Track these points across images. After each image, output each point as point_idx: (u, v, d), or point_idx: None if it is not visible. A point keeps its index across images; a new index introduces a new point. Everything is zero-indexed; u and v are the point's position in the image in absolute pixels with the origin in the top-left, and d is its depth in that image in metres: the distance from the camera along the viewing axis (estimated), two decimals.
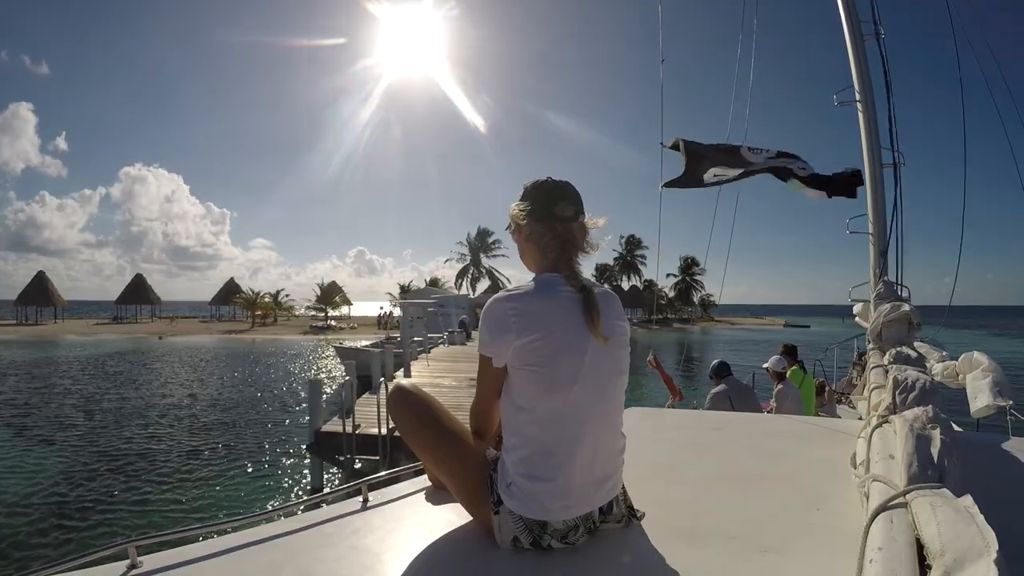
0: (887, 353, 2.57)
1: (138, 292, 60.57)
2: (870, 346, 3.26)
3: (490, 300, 1.31)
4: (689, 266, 68.95)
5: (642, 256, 69.09)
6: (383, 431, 8.12)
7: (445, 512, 1.55)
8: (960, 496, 0.94)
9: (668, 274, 70.88)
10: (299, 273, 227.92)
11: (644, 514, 1.44)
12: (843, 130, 4.20)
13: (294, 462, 10.77)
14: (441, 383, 13.08)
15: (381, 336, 33.71)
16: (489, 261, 64.79)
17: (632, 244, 69.12)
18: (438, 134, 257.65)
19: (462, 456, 1.41)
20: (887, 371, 2.22)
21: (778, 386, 5.76)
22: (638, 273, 69.51)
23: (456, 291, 53.26)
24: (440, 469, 1.48)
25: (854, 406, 5.67)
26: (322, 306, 59.06)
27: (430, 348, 20.20)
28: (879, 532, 0.93)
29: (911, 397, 1.70)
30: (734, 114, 5.56)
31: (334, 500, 1.73)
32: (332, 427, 8.89)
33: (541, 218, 1.35)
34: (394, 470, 1.91)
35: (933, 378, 2.07)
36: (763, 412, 5.29)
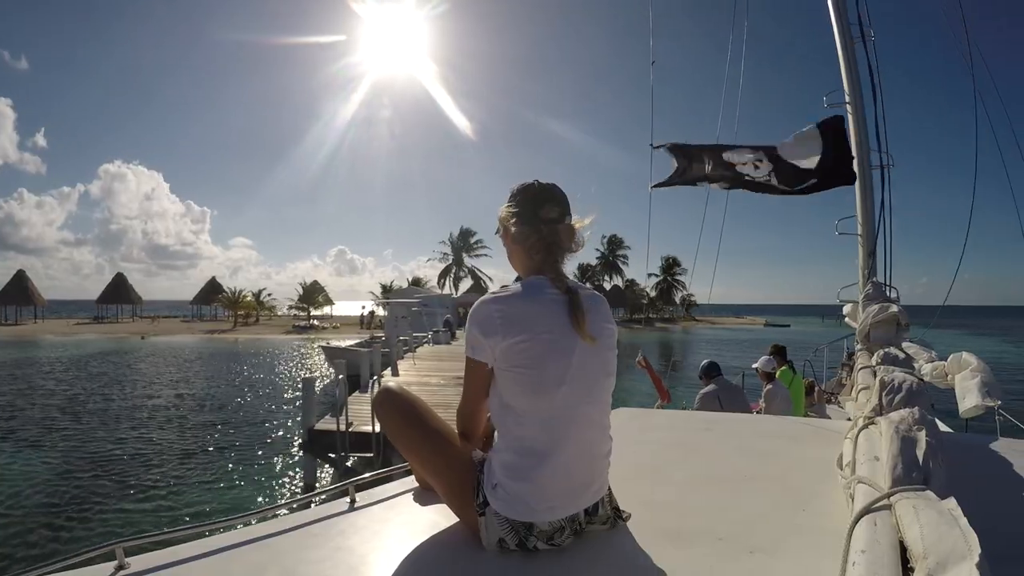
0: (875, 354, 2.58)
1: (119, 291, 59.41)
2: (858, 347, 3.28)
3: (476, 302, 1.31)
4: (671, 266, 69.00)
5: (624, 256, 69.20)
6: (376, 428, 8.11)
7: (431, 513, 1.55)
8: (944, 499, 0.95)
9: (650, 274, 70.84)
10: (279, 272, 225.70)
11: (630, 515, 1.44)
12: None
13: (285, 461, 10.71)
14: (429, 381, 13.11)
15: (365, 336, 33.51)
16: (472, 261, 64.54)
17: (614, 244, 68.93)
18: (420, 133, 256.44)
19: (448, 457, 1.41)
20: (875, 372, 2.24)
21: (767, 386, 5.78)
22: (620, 273, 69.60)
23: (439, 291, 53.03)
24: (426, 470, 1.48)
25: (843, 406, 5.70)
26: (304, 305, 58.64)
27: (415, 347, 20.19)
28: (862, 534, 0.93)
29: (898, 399, 1.71)
30: (723, 115, 5.60)
31: (321, 501, 1.72)
32: (325, 425, 8.90)
33: (527, 220, 1.36)
34: (381, 471, 1.90)
35: (921, 379, 2.09)
36: (752, 412, 5.31)
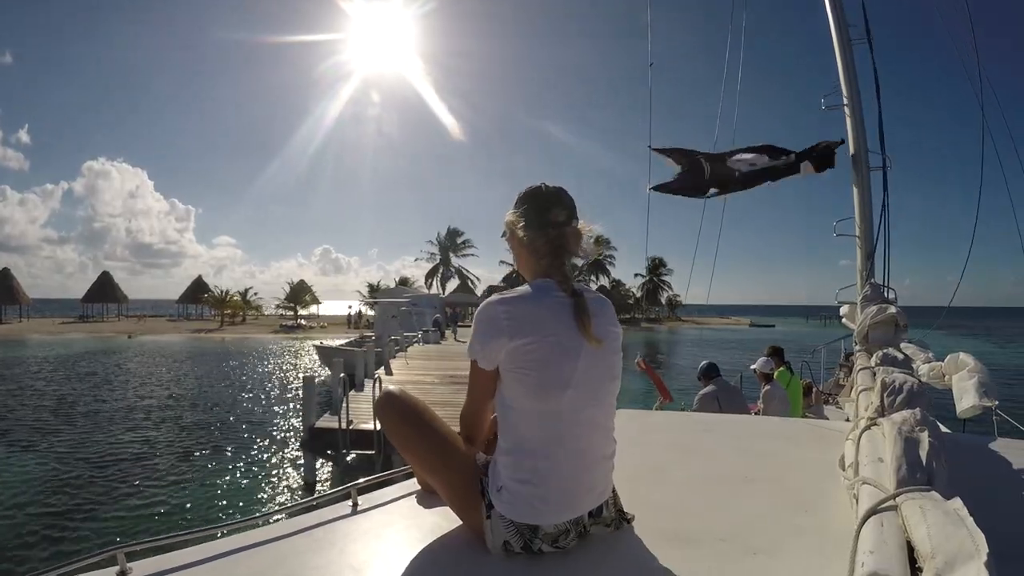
0: (874, 355, 2.59)
1: (105, 290, 58.82)
2: (857, 348, 3.29)
3: (483, 303, 1.30)
4: (656, 267, 69.09)
5: (611, 256, 69.03)
6: (377, 426, 8.11)
7: (435, 516, 1.54)
8: (949, 498, 0.95)
9: (636, 274, 71.04)
10: (264, 271, 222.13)
11: (634, 517, 1.44)
12: (834, 133, 4.23)
13: (284, 461, 10.67)
14: (423, 380, 13.15)
15: (354, 335, 33.47)
16: (459, 260, 64.29)
17: (601, 244, 68.70)
18: (408, 133, 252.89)
19: (451, 460, 1.40)
20: (875, 373, 2.24)
21: (765, 387, 5.80)
22: (607, 273, 69.38)
23: (426, 290, 52.97)
24: (429, 473, 1.47)
25: (841, 407, 5.72)
26: (291, 305, 58.42)
27: (407, 347, 20.29)
28: (870, 535, 0.94)
29: (899, 400, 1.71)
30: (723, 115, 5.61)
31: (323, 504, 1.71)
32: (326, 423, 8.91)
33: (534, 224, 1.36)
34: (383, 474, 1.90)
35: (920, 379, 2.09)
36: (751, 413, 5.32)
